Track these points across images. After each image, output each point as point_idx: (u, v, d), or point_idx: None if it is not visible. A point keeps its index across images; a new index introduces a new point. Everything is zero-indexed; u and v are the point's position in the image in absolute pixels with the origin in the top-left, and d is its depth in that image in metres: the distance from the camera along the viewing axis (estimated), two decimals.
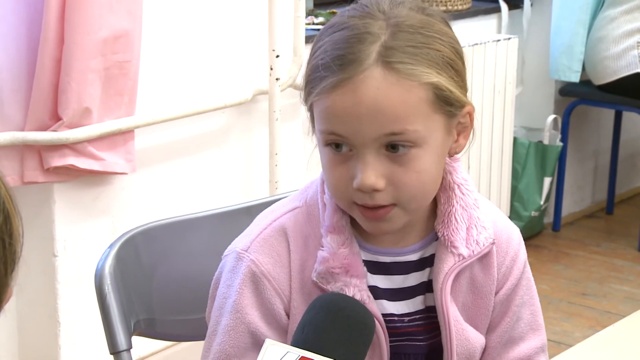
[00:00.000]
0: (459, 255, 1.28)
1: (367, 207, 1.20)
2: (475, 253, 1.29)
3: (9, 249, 0.88)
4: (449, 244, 1.28)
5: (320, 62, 1.19)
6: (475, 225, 1.30)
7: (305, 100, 1.23)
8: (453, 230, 1.28)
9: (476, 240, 1.29)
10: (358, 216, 1.23)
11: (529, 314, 1.37)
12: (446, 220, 1.28)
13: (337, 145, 1.20)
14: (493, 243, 1.31)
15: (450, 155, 1.28)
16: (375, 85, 1.16)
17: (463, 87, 1.24)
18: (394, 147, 1.18)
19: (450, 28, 1.25)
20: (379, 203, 1.20)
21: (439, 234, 1.29)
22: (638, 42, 3.82)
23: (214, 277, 1.33)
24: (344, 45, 1.18)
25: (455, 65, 1.21)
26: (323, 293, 1.23)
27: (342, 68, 1.17)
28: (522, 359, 1.36)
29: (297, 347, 1.03)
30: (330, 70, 1.17)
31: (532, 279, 1.38)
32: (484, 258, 1.31)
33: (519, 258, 1.35)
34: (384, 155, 1.18)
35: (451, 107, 1.21)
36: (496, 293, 1.33)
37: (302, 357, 1.01)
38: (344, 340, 1.06)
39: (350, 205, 1.22)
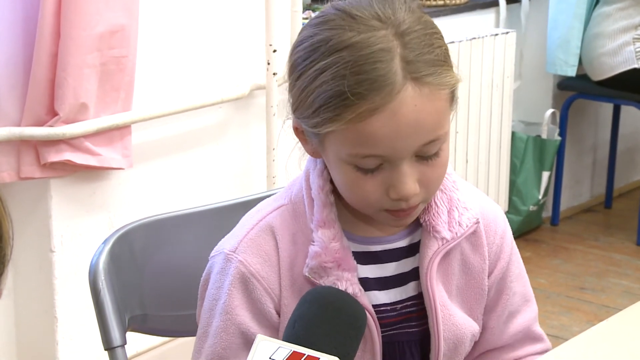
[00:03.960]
0: (442, 239, 1.29)
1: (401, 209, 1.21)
2: (458, 235, 1.31)
3: None
4: (431, 228, 1.29)
5: (340, 88, 1.15)
6: (457, 207, 1.31)
7: (319, 126, 1.18)
8: (434, 215, 1.29)
9: (458, 222, 1.31)
10: (385, 217, 1.24)
11: (521, 286, 1.40)
12: (427, 206, 1.30)
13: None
14: (477, 223, 1.32)
15: None
16: (413, 103, 1.16)
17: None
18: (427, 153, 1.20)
19: (425, 13, 1.24)
20: (412, 205, 1.21)
21: (421, 220, 1.30)
22: (634, 38, 3.82)
23: (202, 278, 1.33)
24: (363, 68, 1.15)
25: (448, 52, 1.22)
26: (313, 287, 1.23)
27: (376, 94, 1.14)
28: (522, 331, 1.39)
29: (289, 342, 1.03)
30: (360, 96, 1.14)
31: (518, 252, 1.41)
32: (472, 237, 1.33)
33: (507, 235, 1.37)
34: (415, 161, 1.19)
35: (454, 94, 1.23)
36: (490, 273, 1.35)
37: (293, 351, 1.01)
38: (335, 334, 1.06)
39: (378, 211, 1.23)
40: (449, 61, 1.20)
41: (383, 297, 1.30)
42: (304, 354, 1.01)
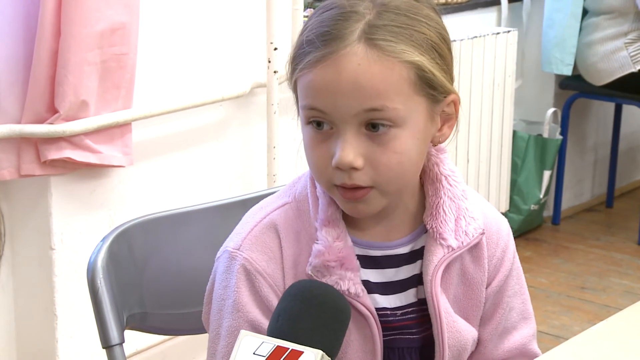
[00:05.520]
0: (448, 246, 1.28)
1: (346, 187, 1.20)
2: (464, 244, 1.29)
3: None
4: (438, 235, 1.28)
5: (305, 38, 1.21)
6: (464, 217, 1.30)
7: (290, 77, 1.24)
8: (441, 222, 1.28)
9: (465, 231, 1.29)
10: (338, 197, 1.23)
11: (520, 303, 1.38)
12: (434, 212, 1.28)
13: (318, 123, 1.21)
14: (482, 234, 1.31)
15: (434, 144, 1.28)
16: (357, 60, 1.17)
17: (448, 73, 1.24)
18: (374, 126, 1.19)
19: (439, 16, 1.26)
20: (356, 183, 1.20)
21: (428, 226, 1.29)
22: (625, 43, 3.83)
23: (209, 282, 1.32)
24: (329, 23, 1.19)
25: (439, 50, 1.22)
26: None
27: (326, 44, 1.18)
28: (518, 347, 1.37)
29: (273, 337, 1.02)
30: (314, 45, 1.19)
31: (521, 268, 1.40)
32: (474, 249, 1.32)
33: (509, 249, 1.36)
34: (363, 135, 1.19)
35: (434, 91, 1.21)
36: (488, 285, 1.34)
37: (277, 346, 1.01)
38: (319, 327, 1.05)
39: (330, 186, 1.22)
40: (424, 46, 1.19)
41: (383, 301, 1.29)
42: (288, 349, 1.00)
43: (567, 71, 3.93)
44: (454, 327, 1.30)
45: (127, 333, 1.43)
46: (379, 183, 1.20)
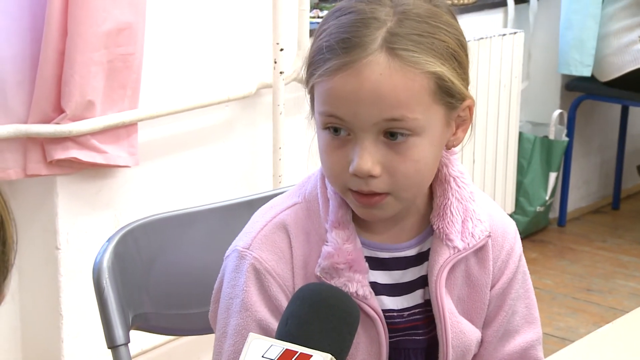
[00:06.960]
0: (454, 248, 1.28)
1: (362, 193, 1.20)
2: (470, 246, 1.29)
3: (2, 257, 0.86)
4: (444, 236, 1.28)
5: (324, 44, 1.19)
6: (471, 218, 1.30)
7: (307, 81, 1.23)
8: (448, 223, 1.28)
9: (472, 233, 1.29)
10: (352, 202, 1.23)
11: (524, 307, 1.37)
12: (442, 213, 1.28)
13: (335, 129, 1.20)
14: (489, 236, 1.31)
15: (448, 148, 1.28)
16: (379, 70, 1.16)
17: (465, 80, 1.23)
18: (392, 134, 1.18)
19: (457, 20, 1.25)
20: (373, 190, 1.20)
21: (435, 227, 1.29)
22: (639, 37, 3.82)
23: (217, 280, 1.31)
24: (349, 29, 1.18)
25: (458, 57, 1.21)
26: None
27: (346, 51, 1.17)
28: (518, 352, 1.36)
29: (282, 340, 1.02)
30: (334, 52, 1.18)
31: (527, 272, 1.39)
32: (480, 251, 1.31)
33: (514, 252, 1.35)
34: (382, 142, 1.18)
35: (452, 98, 1.21)
36: (492, 287, 1.34)
37: (286, 349, 1.00)
38: (328, 331, 1.04)
39: (345, 190, 1.22)
40: (445, 55, 1.19)
41: (390, 303, 1.29)
42: (297, 352, 1.00)
43: (587, 72, 3.91)
44: (458, 328, 1.30)
45: (133, 333, 1.43)
46: (396, 190, 1.21)
